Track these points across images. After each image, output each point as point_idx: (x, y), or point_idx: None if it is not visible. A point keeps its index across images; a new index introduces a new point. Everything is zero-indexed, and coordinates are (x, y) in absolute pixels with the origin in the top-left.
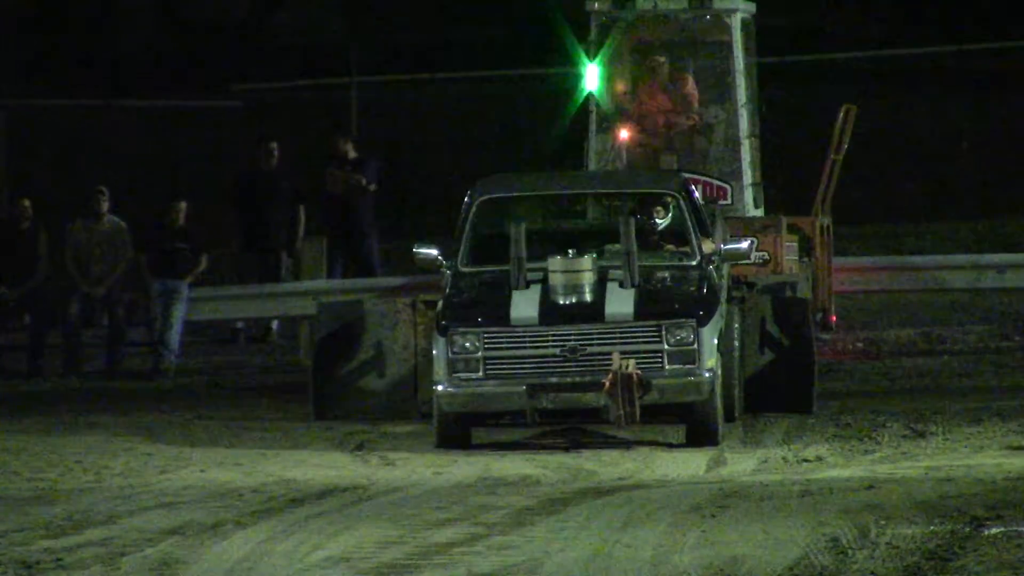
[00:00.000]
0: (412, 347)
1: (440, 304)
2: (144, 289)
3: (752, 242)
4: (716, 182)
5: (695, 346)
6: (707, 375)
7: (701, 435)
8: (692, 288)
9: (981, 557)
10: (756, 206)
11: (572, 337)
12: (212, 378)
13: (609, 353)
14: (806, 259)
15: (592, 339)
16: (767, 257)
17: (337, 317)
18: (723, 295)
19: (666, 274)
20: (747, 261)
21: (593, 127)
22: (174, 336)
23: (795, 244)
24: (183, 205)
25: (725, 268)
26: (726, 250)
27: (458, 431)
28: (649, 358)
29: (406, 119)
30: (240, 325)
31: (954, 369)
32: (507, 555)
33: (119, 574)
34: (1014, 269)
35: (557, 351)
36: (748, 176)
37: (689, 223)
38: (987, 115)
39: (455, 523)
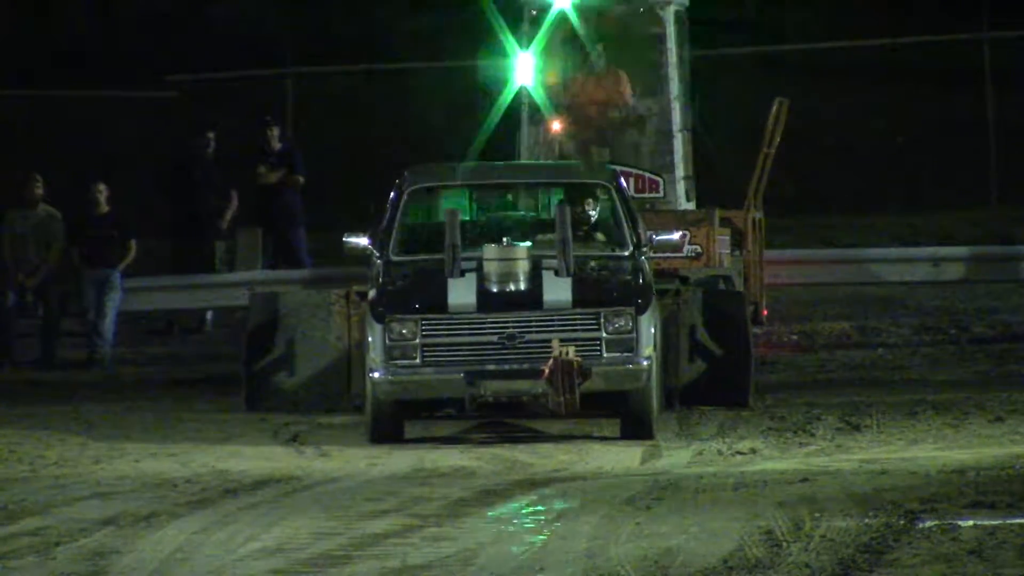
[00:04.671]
0: (345, 339)
1: (375, 292)
2: (77, 279)
3: (684, 234)
4: (648, 175)
5: (633, 334)
6: (645, 363)
7: (636, 425)
8: (628, 277)
9: (915, 550)
10: (688, 199)
11: (510, 324)
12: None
13: (547, 340)
14: (738, 253)
15: (531, 326)
16: (699, 251)
17: (268, 308)
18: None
19: (599, 264)
20: (678, 254)
21: (525, 119)
22: (108, 326)
23: (727, 238)
24: (103, 187)
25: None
26: (659, 241)
27: (393, 421)
28: (587, 346)
29: (341, 110)
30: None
31: (888, 362)
32: (441, 547)
33: (54, 564)
34: (947, 262)
35: (495, 338)
36: (680, 169)
37: (621, 214)
38: (921, 109)
39: (389, 514)
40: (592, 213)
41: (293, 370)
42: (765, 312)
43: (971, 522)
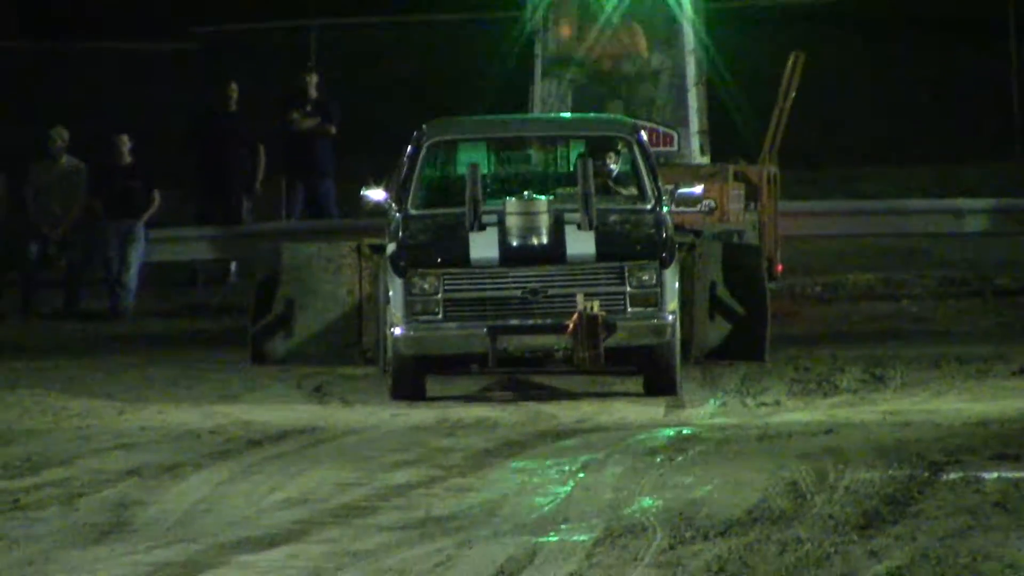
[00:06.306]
0: (356, 292)
1: (395, 246)
2: (100, 231)
3: (703, 189)
4: (662, 129)
5: (658, 288)
6: (669, 318)
7: (660, 380)
8: (651, 231)
9: (939, 502)
10: (702, 154)
11: (533, 279)
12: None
13: (570, 295)
14: (752, 207)
15: (554, 281)
16: (713, 205)
17: (278, 261)
18: None
19: (622, 217)
20: (692, 208)
21: (538, 72)
22: (132, 277)
23: (742, 192)
24: (125, 138)
25: None
26: (680, 195)
27: (415, 377)
28: (611, 300)
29: (365, 63)
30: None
31: (912, 314)
32: (465, 497)
33: (77, 515)
34: (972, 214)
35: (518, 293)
36: (695, 123)
37: (642, 167)
38: (945, 60)
39: (413, 465)
40: (613, 167)
41: (303, 323)
42: (780, 268)
43: (995, 474)
